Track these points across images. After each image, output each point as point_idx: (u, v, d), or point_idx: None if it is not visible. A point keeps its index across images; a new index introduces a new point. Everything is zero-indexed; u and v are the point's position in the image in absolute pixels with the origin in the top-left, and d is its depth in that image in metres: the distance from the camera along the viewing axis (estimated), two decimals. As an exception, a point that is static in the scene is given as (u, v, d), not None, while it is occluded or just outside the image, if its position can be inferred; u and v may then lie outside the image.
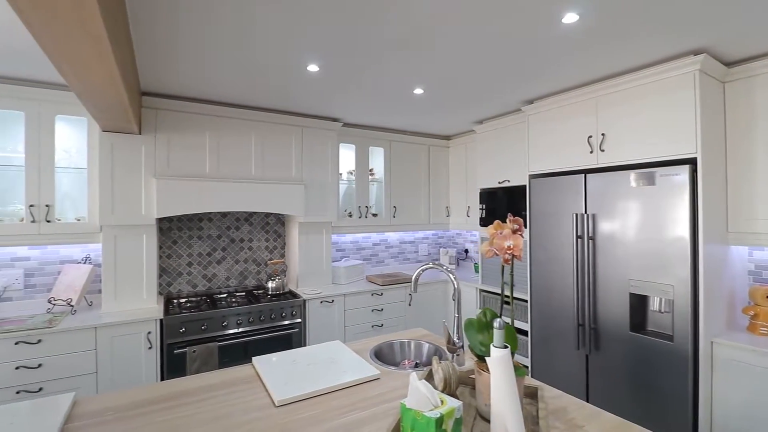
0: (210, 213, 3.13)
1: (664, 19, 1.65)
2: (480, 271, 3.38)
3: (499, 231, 1.18)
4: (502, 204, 3.22)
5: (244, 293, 3.07)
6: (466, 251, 4.31)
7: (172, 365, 2.41)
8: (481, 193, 3.41)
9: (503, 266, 1.18)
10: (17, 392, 2.10)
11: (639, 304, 2.18)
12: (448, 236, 4.58)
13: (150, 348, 2.38)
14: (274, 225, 3.42)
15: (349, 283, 3.39)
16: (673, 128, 2.04)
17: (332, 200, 3.29)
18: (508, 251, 1.08)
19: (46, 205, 2.38)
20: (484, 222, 3.35)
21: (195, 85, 2.47)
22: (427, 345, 1.73)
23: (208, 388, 1.34)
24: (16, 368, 2.10)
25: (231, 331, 2.62)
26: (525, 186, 2.93)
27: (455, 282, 1.49)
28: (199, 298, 2.89)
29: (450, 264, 4.07)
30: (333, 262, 3.54)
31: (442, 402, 0.93)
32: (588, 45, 1.90)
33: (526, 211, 2.85)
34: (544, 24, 1.69)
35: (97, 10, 0.98)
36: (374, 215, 3.65)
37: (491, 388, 0.96)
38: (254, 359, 1.55)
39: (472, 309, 3.43)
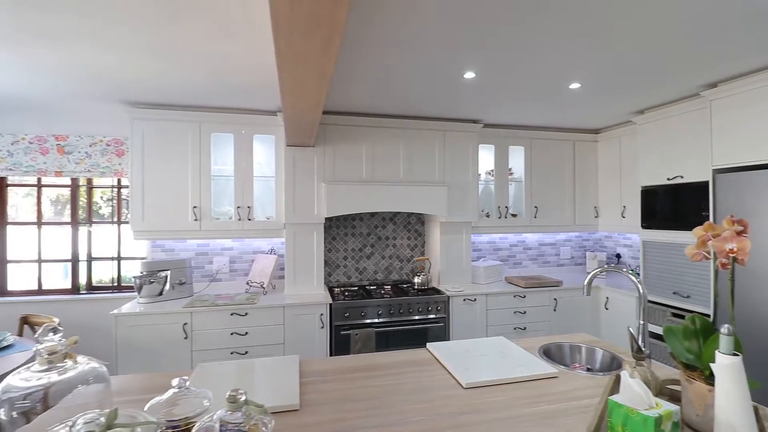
0: (361, 213, 3.50)
1: None
2: (642, 277, 3.03)
3: (709, 233, 1.08)
4: (669, 203, 2.83)
5: (391, 286, 3.35)
6: (618, 256, 3.89)
7: (339, 344, 2.78)
8: (643, 192, 3.06)
9: (716, 272, 1.08)
10: (231, 353, 2.70)
11: None
12: (595, 238, 4.20)
13: (322, 328, 2.80)
14: (415, 224, 3.64)
15: (488, 283, 3.41)
16: None
17: (472, 201, 3.35)
18: (731, 254, 0.99)
19: (248, 207, 3.00)
20: (651, 223, 2.99)
21: (359, 101, 2.81)
22: (600, 351, 1.66)
23: (397, 364, 1.54)
24: (231, 334, 2.71)
25: (384, 320, 2.90)
26: (706, 183, 2.53)
27: (642, 289, 1.41)
28: (354, 288, 3.27)
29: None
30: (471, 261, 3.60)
31: (656, 404, 0.92)
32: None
33: (707, 211, 2.46)
34: (754, -5, 1.47)
35: (335, 57, 1.23)
36: (513, 216, 3.58)
37: (716, 397, 0.90)
38: (429, 345, 1.72)
39: (630, 320, 3.10)
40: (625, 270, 1.45)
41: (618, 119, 3.37)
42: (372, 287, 3.32)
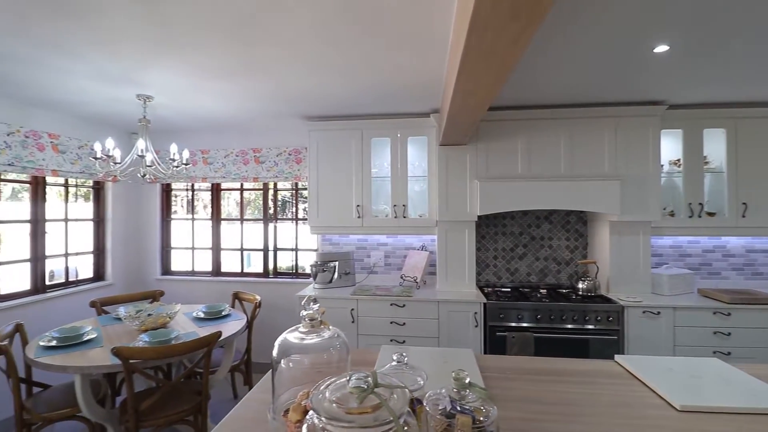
0: (512, 211, 3.35)
1: None
2: None
3: None
4: None
5: (546, 290, 3.11)
6: None
7: (494, 345, 2.72)
8: None
9: None
10: (390, 340, 2.90)
11: None
12: (841, 246, 3.13)
13: (476, 326, 2.78)
14: (575, 224, 3.30)
15: (674, 294, 2.86)
16: None
17: (653, 196, 2.86)
18: None
19: (403, 205, 3.18)
20: None
21: (518, 93, 2.69)
22: None
23: (585, 373, 1.42)
24: (390, 323, 2.91)
25: (544, 325, 2.71)
26: None
27: None
28: (507, 290, 3.15)
29: None
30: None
31: None
32: None
33: None
34: None
35: (524, 50, 1.20)
36: (710, 214, 2.92)
37: None
38: (618, 357, 1.53)
39: None
40: None
41: None
42: (526, 290, 3.14)
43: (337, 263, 3.26)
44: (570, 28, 1.75)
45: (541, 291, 3.09)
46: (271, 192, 3.98)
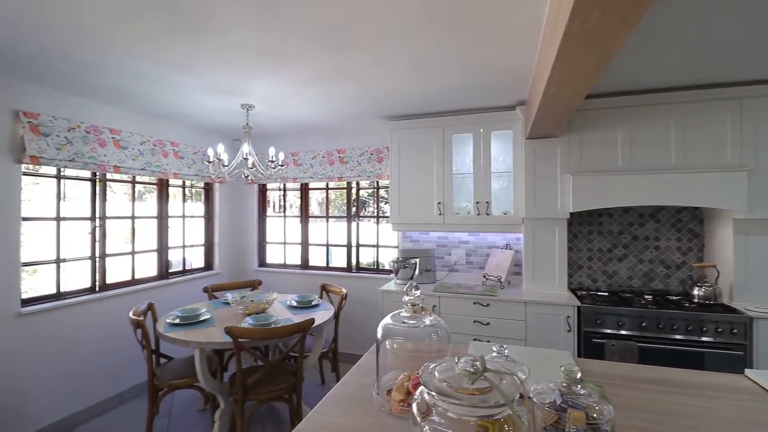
0: (610, 208, 3.06)
1: None
2: None
3: None
4: None
5: (652, 296, 2.79)
6: None
7: (590, 353, 2.52)
8: None
9: None
10: (473, 339, 2.85)
11: None
12: None
13: (569, 331, 2.60)
14: (688, 222, 2.91)
15: (824, 307, 2.37)
16: None
17: (794, 190, 2.41)
18: None
19: (486, 202, 3.10)
20: None
21: (615, 79, 2.46)
22: None
23: (706, 386, 1.25)
24: (473, 322, 2.86)
25: (650, 334, 2.43)
26: None
27: None
28: (604, 294, 2.89)
29: None
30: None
31: None
32: None
33: None
34: None
35: (632, 30, 1.11)
36: None
37: None
38: (750, 372, 1.33)
39: None
40: None
41: None
42: (627, 295, 2.85)
43: (418, 260, 3.29)
44: (688, -1, 1.55)
45: (646, 297, 2.77)
46: (354, 191, 4.16)
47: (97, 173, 3.03)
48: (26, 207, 2.57)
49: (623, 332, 2.47)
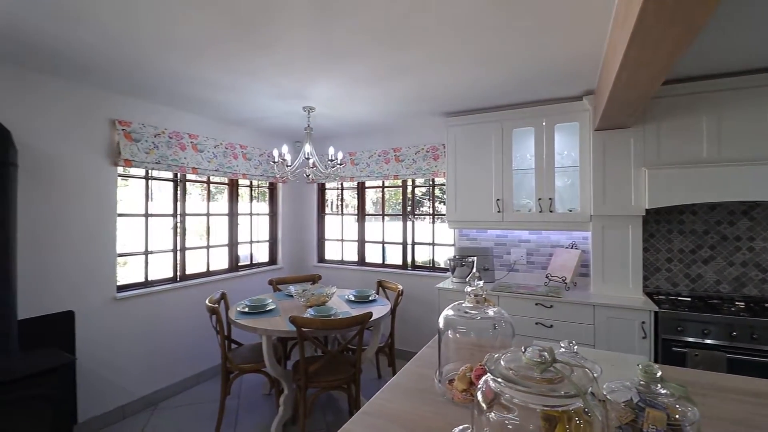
0: (694, 205, 2.77)
1: None
2: None
3: None
4: None
5: (745, 302, 2.47)
6: None
7: (669, 363, 2.30)
8: None
9: None
10: (535, 341, 2.73)
11: None
12: None
13: (644, 338, 2.40)
14: (792, 221, 2.55)
15: None
16: None
17: None
18: None
19: (549, 199, 2.95)
20: None
21: (696, 62, 2.23)
22: None
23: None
24: (535, 323, 2.74)
25: (741, 345, 2.17)
26: None
27: None
28: (686, 299, 2.62)
29: None
30: None
31: None
32: None
33: None
34: None
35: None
36: None
37: None
38: None
39: None
40: None
41: None
42: (714, 300, 2.56)
43: (475, 259, 3.23)
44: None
45: (737, 303, 2.47)
46: (409, 189, 4.17)
47: (178, 174, 3.35)
48: (118, 206, 2.92)
49: (709, 341, 2.22)
